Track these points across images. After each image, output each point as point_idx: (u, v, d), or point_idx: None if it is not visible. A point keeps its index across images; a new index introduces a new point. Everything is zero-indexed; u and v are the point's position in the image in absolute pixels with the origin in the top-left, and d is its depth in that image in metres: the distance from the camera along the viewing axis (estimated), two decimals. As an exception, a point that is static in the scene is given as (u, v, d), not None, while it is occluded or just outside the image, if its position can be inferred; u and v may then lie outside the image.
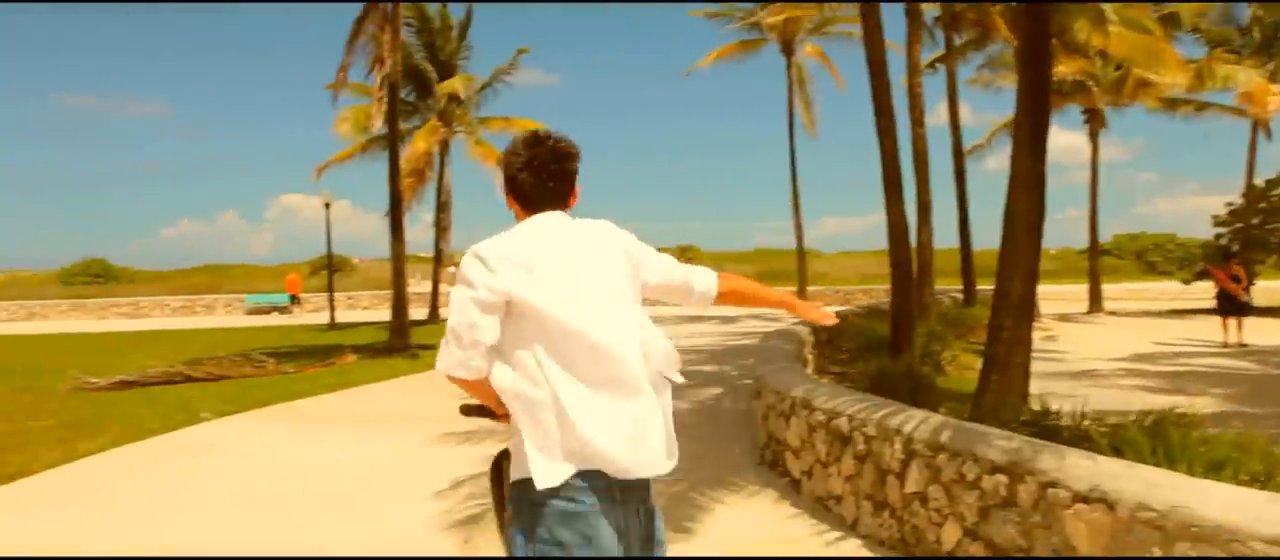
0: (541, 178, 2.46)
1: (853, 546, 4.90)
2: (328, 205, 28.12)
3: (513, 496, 2.34)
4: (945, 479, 4.30)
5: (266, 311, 36.31)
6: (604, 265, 2.40)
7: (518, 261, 2.29)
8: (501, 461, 2.51)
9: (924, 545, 4.47)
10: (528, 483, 2.24)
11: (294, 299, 36.52)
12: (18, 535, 5.63)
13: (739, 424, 8.73)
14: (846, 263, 46.60)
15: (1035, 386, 7.16)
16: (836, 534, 5.12)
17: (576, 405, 2.22)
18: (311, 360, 15.70)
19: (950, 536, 4.26)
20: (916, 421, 4.74)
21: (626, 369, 2.28)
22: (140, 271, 54.52)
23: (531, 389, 2.26)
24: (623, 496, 2.30)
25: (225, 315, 36.36)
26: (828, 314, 3.03)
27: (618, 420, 2.26)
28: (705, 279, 2.76)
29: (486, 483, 2.86)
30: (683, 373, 2.49)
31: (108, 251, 66.35)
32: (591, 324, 2.26)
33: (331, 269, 30.57)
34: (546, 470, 2.21)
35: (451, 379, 2.38)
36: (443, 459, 7.30)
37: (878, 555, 4.74)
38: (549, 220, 2.45)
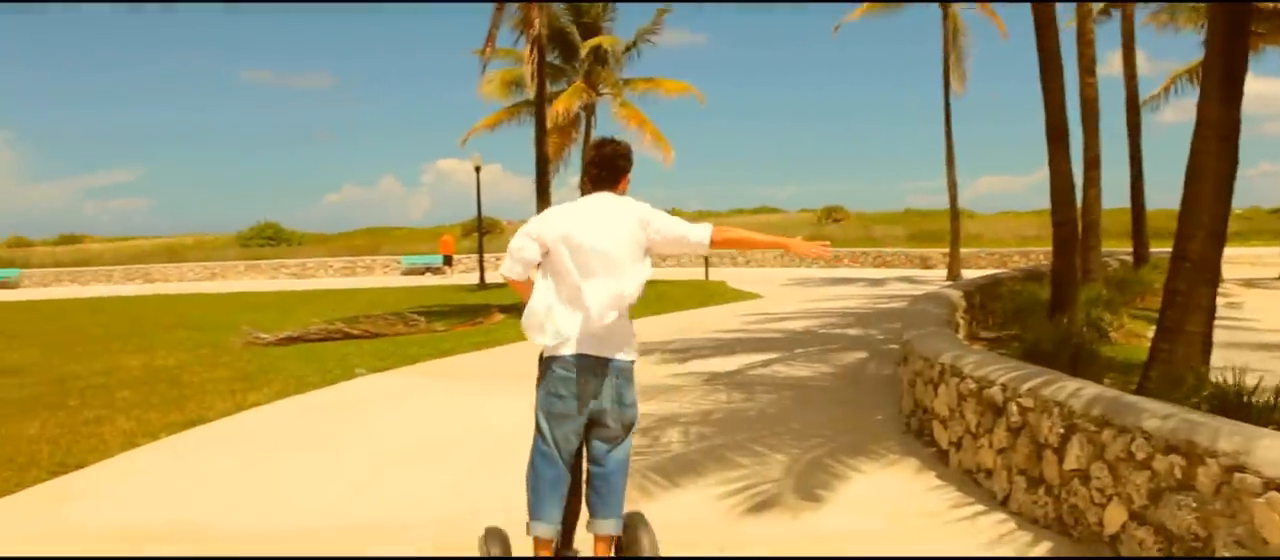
0: (599, 170, 3.73)
1: (997, 522, 4.59)
2: (477, 169, 28.95)
3: (539, 362, 3.68)
4: (1110, 457, 3.94)
5: (421, 272, 37.88)
6: (616, 231, 3.57)
7: (556, 223, 3.60)
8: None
9: (1084, 527, 4.12)
10: (542, 353, 3.64)
11: (447, 260, 37.87)
12: (198, 472, 6.09)
13: (883, 390, 8.40)
14: (1003, 224, 44.21)
15: (1217, 358, 6.54)
16: (982, 508, 4.81)
17: (559, 313, 3.55)
18: (460, 319, 16.23)
19: (1114, 519, 3.90)
20: (1078, 392, 4.36)
21: (584, 303, 3.50)
22: (308, 234, 57.93)
23: (542, 296, 3.59)
24: (593, 368, 3.57)
25: (382, 276, 38.16)
26: (821, 248, 3.70)
27: (578, 325, 3.52)
28: (699, 232, 3.66)
29: None
30: (826, 335, 3.24)
31: (280, 216, 70.80)
32: (579, 271, 3.52)
33: (481, 231, 31.49)
34: (543, 342, 3.58)
35: (505, 278, 3.70)
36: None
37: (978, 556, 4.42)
38: (594, 199, 3.69)
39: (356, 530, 4.71)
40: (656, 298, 19.83)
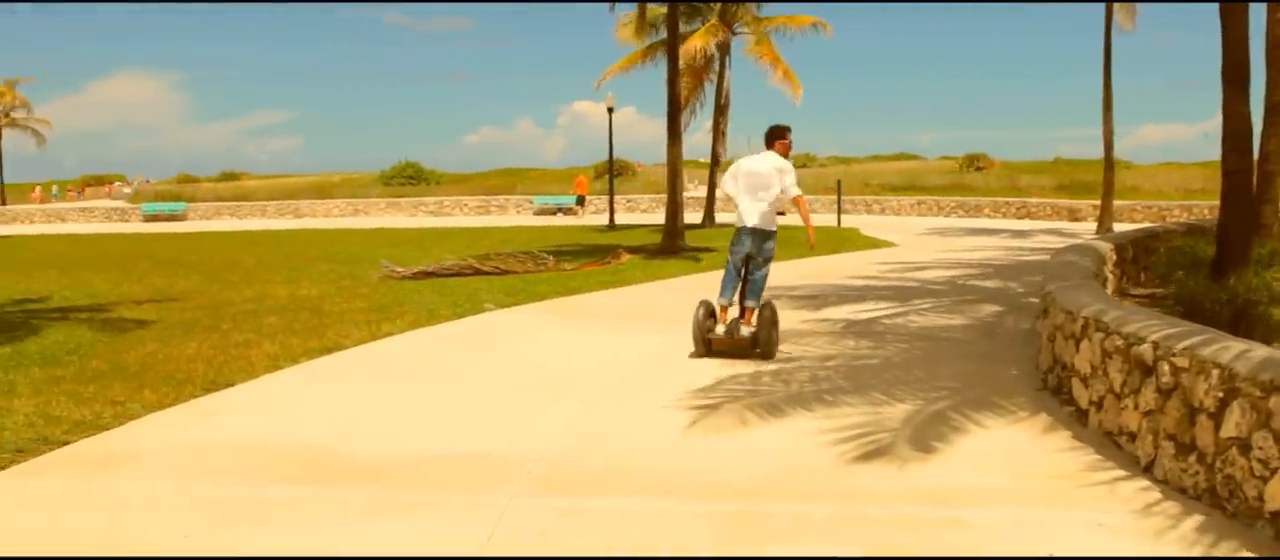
0: (766, 139, 7.78)
1: (1140, 488, 4.26)
2: (610, 110, 29.01)
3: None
4: (1278, 426, 3.57)
5: (552, 212, 38.54)
6: (762, 170, 7.54)
7: (737, 166, 7.87)
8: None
9: (1240, 500, 3.78)
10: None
11: (581, 200, 38.35)
12: (332, 397, 6.36)
13: (1018, 344, 7.98)
14: (1165, 176, 41.11)
15: None
16: (1122, 473, 4.47)
17: (740, 207, 7.58)
18: (589, 259, 16.40)
19: (1277, 494, 3.55)
20: (1244, 354, 3.97)
21: (742, 207, 7.57)
22: (446, 174, 59.73)
23: (736, 200, 7.69)
24: (749, 233, 7.50)
25: (516, 215, 39.03)
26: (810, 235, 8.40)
27: (743, 215, 7.55)
28: (791, 190, 7.58)
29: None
30: (962, 286, 4.41)
31: (421, 156, 73.28)
32: (745, 190, 7.56)
33: (613, 173, 31.70)
34: (737, 220, 7.64)
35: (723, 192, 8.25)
36: (691, 357, 7.30)
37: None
38: (759, 154, 7.74)
39: (473, 457, 4.80)
40: (784, 242, 19.49)
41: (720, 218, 29.16)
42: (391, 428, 5.49)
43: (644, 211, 37.19)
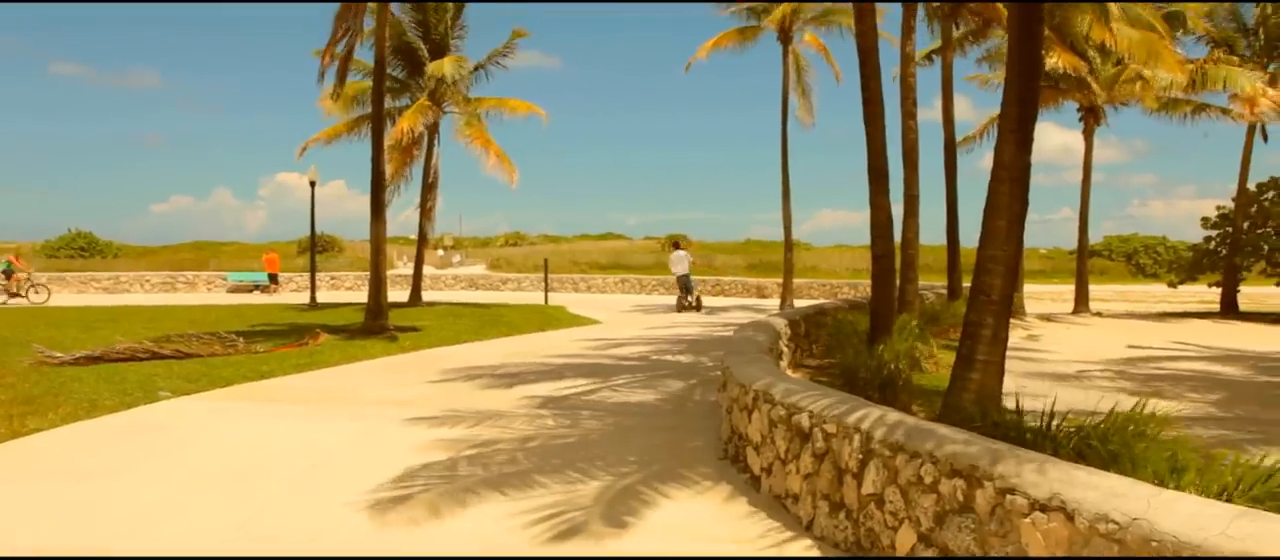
0: (674, 245, 28.77)
1: (803, 547, 4.68)
2: (312, 183, 27.79)
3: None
4: (903, 481, 4.08)
5: (248, 290, 35.93)
6: (682, 257, 25.69)
7: (678, 256, 25.80)
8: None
9: (878, 549, 4.25)
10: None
11: (273, 278, 36.11)
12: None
13: (706, 417, 8.51)
14: (838, 257, 46.25)
15: (1012, 385, 6.96)
16: (788, 535, 4.90)
17: (676, 269, 25.46)
18: (283, 340, 15.43)
19: (905, 541, 4.04)
20: (876, 419, 4.51)
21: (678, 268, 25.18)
22: (126, 246, 53.92)
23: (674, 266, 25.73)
24: (685, 277, 25.25)
25: (206, 293, 35.93)
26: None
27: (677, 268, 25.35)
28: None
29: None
30: (658, 362, 3.37)
31: (98, 226, 65.76)
32: (678, 262, 25.46)
33: (314, 248, 30.21)
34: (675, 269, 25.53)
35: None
36: (388, 443, 7.07)
37: (829, 556, 4.52)
38: (680, 252, 26.14)
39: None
40: (491, 321, 19.54)
41: (428, 295, 28.67)
42: (32, 537, 4.78)
43: (349, 289, 35.73)
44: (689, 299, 24.99)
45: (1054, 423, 4.85)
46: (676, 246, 27.37)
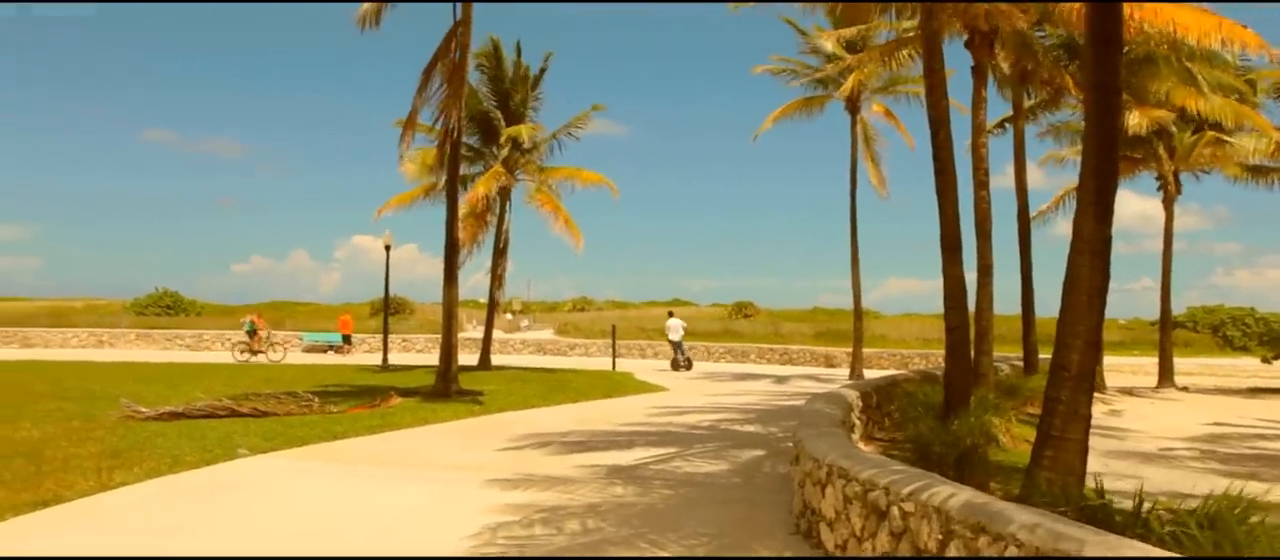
0: (670, 314, 32.01)
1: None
2: (387, 247, 28.51)
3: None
4: (984, 563, 3.95)
5: (322, 350, 36.78)
6: (675, 326, 29.50)
7: (674, 323, 29.70)
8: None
9: (960, 635, 4.11)
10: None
11: (346, 339, 36.91)
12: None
13: (776, 489, 8.38)
14: (908, 325, 45.48)
15: (1095, 464, 6.74)
16: (866, 615, 4.76)
17: (673, 335, 29.10)
18: (357, 401, 15.72)
19: (988, 627, 3.90)
20: (956, 497, 4.39)
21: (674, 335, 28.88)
22: (209, 304, 55.88)
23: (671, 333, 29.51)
24: (679, 342, 29.03)
25: (282, 352, 36.90)
26: None
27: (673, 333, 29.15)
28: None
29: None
30: (727, 431, 3.24)
31: (180, 284, 68.16)
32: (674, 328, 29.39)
33: (387, 310, 30.87)
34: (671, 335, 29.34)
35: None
36: (460, 507, 7.11)
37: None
38: (675, 319, 30.22)
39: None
40: (559, 387, 19.63)
41: (496, 359, 28.96)
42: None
43: (419, 351, 36.30)
44: (681, 359, 28.71)
45: (1144, 507, 4.66)
46: (671, 315, 31.31)
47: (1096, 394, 8.22)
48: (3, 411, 13.55)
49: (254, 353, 30.85)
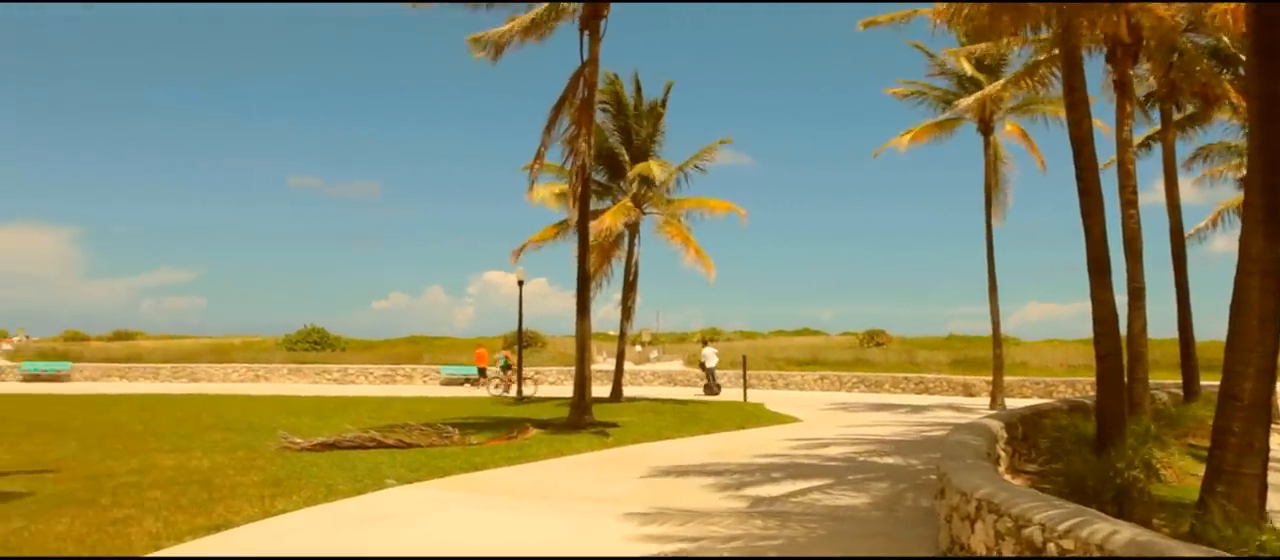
0: (703, 341, 40.69)
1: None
2: (521, 283, 29.28)
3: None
4: (1155, 605, 3.74)
5: (459, 383, 38.00)
6: (710, 354, 33.27)
7: (709, 350, 33.45)
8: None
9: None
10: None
11: (481, 372, 38.01)
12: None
13: (918, 523, 8.12)
14: (1050, 352, 43.27)
15: (1276, 503, 6.25)
16: (1025, 658, 4.56)
17: (708, 363, 32.30)
18: (495, 432, 16.15)
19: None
20: (1119, 534, 4.17)
21: (710, 361, 32.86)
22: (352, 339, 58.58)
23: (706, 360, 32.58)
24: (712, 369, 32.23)
25: (422, 385, 38.30)
26: None
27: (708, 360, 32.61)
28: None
29: None
30: (864, 463, 3.19)
31: (326, 320, 71.95)
32: (709, 356, 32.92)
33: (521, 344, 31.63)
34: (705, 362, 32.99)
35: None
36: (598, 539, 7.19)
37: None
38: (711, 345, 35.56)
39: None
40: (691, 418, 19.62)
41: (629, 391, 29.19)
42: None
43: (552, 383, 37.00)
44: (713, 385, 31.56)
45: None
46: (706, 343, 36.56)
47: (1274, 425, 7.65)
48: (178, 442, 14.60)
49: (507, 387, 31.96)
